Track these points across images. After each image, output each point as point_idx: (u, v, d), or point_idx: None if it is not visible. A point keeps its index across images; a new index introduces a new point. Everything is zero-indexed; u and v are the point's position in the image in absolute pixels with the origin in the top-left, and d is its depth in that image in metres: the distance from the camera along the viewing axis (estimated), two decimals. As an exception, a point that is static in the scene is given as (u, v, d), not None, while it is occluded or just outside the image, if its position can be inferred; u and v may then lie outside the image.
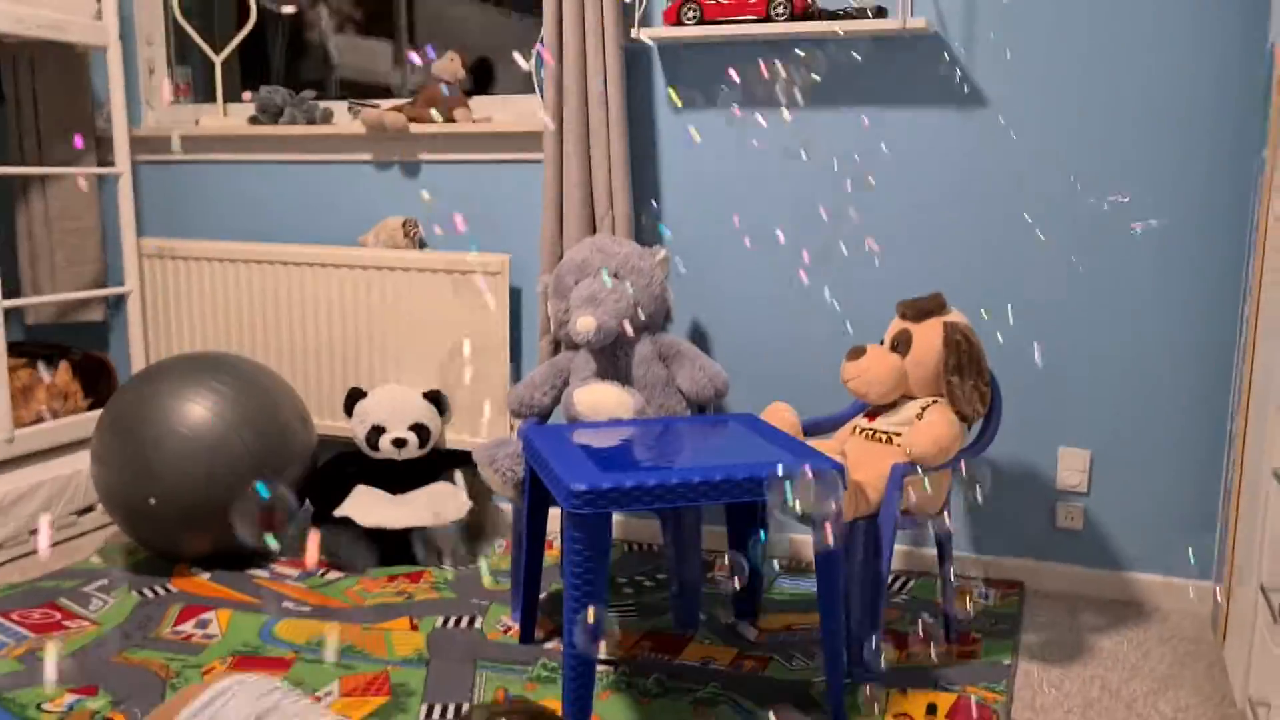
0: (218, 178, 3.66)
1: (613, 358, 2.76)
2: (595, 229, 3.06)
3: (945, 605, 2.63)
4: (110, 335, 3.91)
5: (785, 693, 2.36)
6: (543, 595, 2.75)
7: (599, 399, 2.65)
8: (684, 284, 3.10)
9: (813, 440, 2.53)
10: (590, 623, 1.87)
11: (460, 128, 3.29)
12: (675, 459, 2.23)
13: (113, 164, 3.56)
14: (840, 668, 2.25)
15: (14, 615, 2.71)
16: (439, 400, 3.25)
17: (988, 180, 2.84)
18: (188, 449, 2.84)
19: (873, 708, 2.30)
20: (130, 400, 2.94)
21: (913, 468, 2.39)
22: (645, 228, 3.14)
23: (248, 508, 2.69)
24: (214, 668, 2.43)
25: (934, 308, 2.55)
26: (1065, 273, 2.81)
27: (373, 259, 3.35)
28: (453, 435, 3.33)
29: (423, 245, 3.40)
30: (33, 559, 3.12)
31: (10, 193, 3.79)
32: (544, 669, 2.46)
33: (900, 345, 2.55)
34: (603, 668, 2.44)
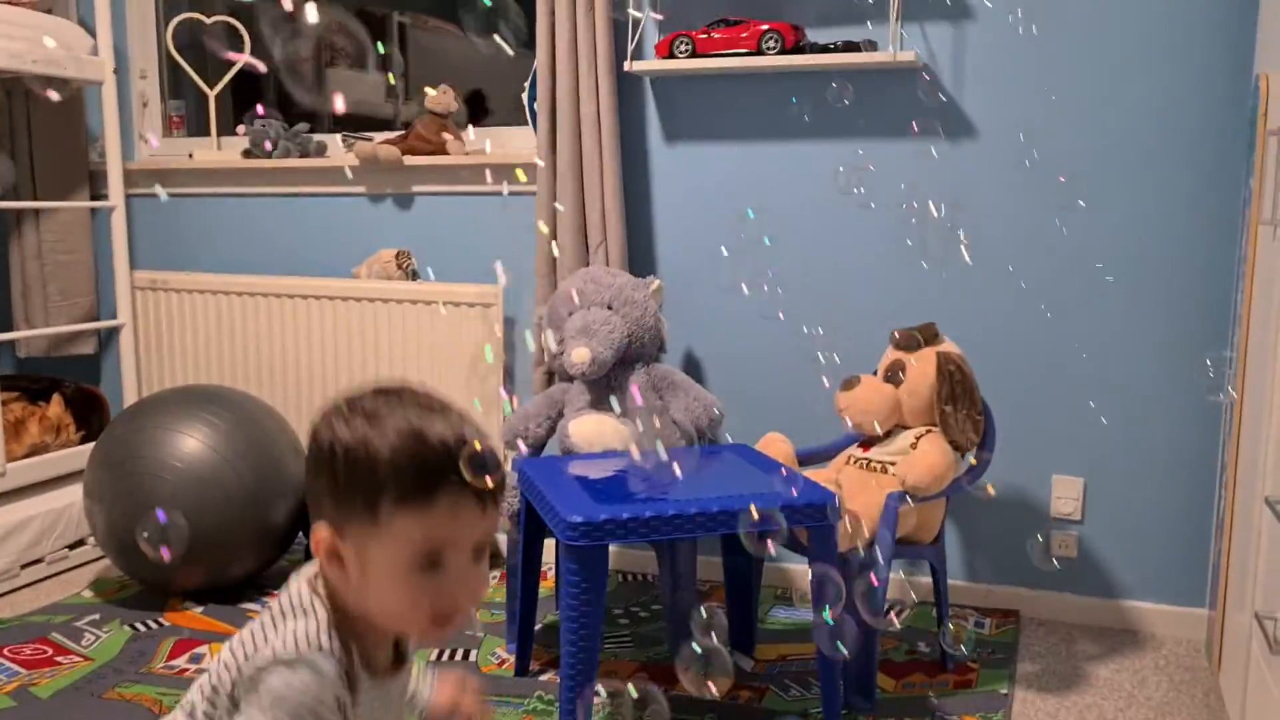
0: (212, 210, 3.67)
1: (607, 389, 2.77)
2: (589, 260, 3.07)
3: (940, 634, 2.63)
4: (102, 367, 3.91)
5: (782, 724, 2.35)
6: (538, 626, 2.74)
7: (594, 430, 2.66)
8: (677, 313, 3.10)
9: (807, 470, 2.54)
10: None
11: (453, 160, 3.30)
12: (671, 490, 2.23)
13: (105, 197, 3.57)
14: (837, 699, 2.25)
15: (5, 651, 2.69)
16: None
17: (978, 210, 2.86)
18: (180, 482, 2.83)
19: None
20: (123, 434, 2.93)
21: (904, 496, 2.40)
22: (638, 258, 3.15)
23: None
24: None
25: (927, 337, 2.56)
26: (1058, 302, 2.83)
27: (366, 290, 3.36)
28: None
29: (415, 276, 3.41)
30: (25, 593, 3.10)
31: (3, 226, 3.80)
32: (540, 701, 2.44)
33: (894, 375, 2.56)
34: (597, 700, 2.43)
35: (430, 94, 3.38)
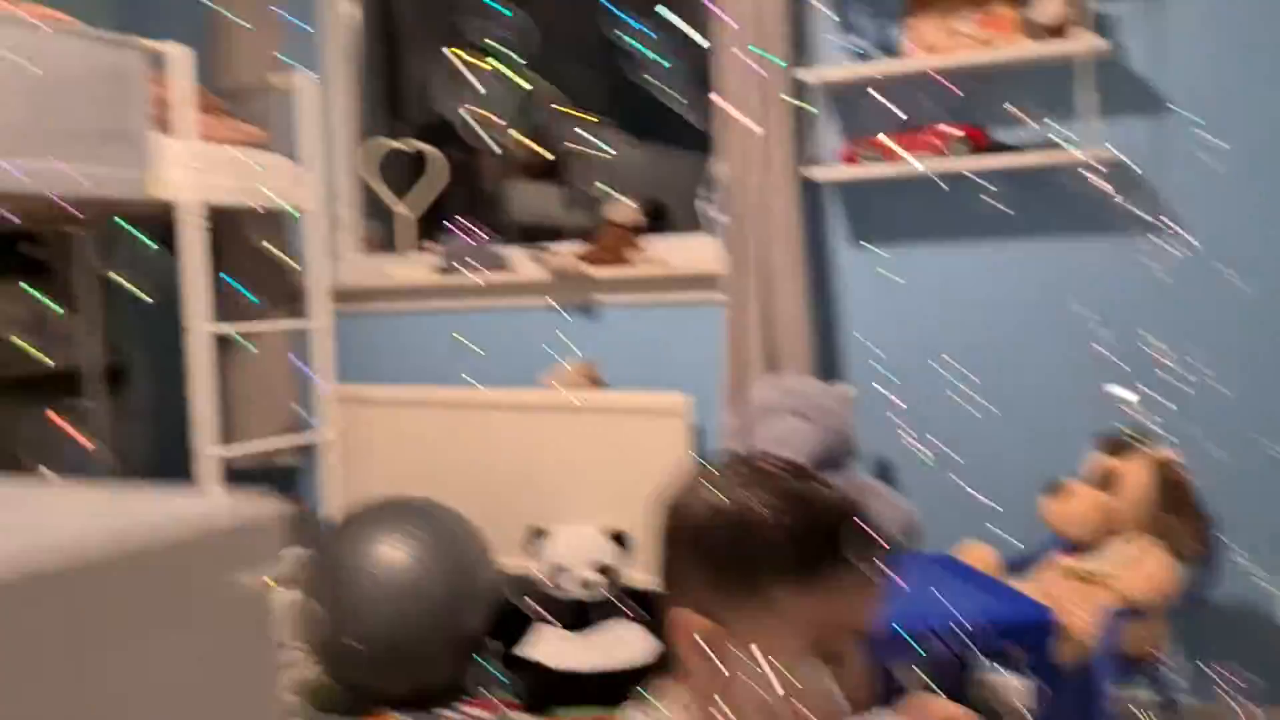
0: (407, 325, 3.83)
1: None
2: (776, 368, 3.07)
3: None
4: (298, 477, 4.07)
5: None
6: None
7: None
8: (867, 420, 3.05)
9: (1011, 581, 2.45)
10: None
11: (638, 271, 3.37)
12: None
13: (308, 316, 3.76)
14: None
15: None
16: (622, 540, 3.27)
17: (1189, 309, 2.74)
18: (383, 592, 2.93)
19: None
20: (336, 543, 3.07)
21: (1126, 610, 2.29)
22: (825, 365, 3.13)
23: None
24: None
25: (1139, 443, 2.46)
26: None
27: (553, 400, 3.43)
28: (635, 574, 3.33)
29: (601, 386, 3.47)
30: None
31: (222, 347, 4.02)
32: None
33: (1105, 482, 2.47)
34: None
35: (613, 204, 3.47)
